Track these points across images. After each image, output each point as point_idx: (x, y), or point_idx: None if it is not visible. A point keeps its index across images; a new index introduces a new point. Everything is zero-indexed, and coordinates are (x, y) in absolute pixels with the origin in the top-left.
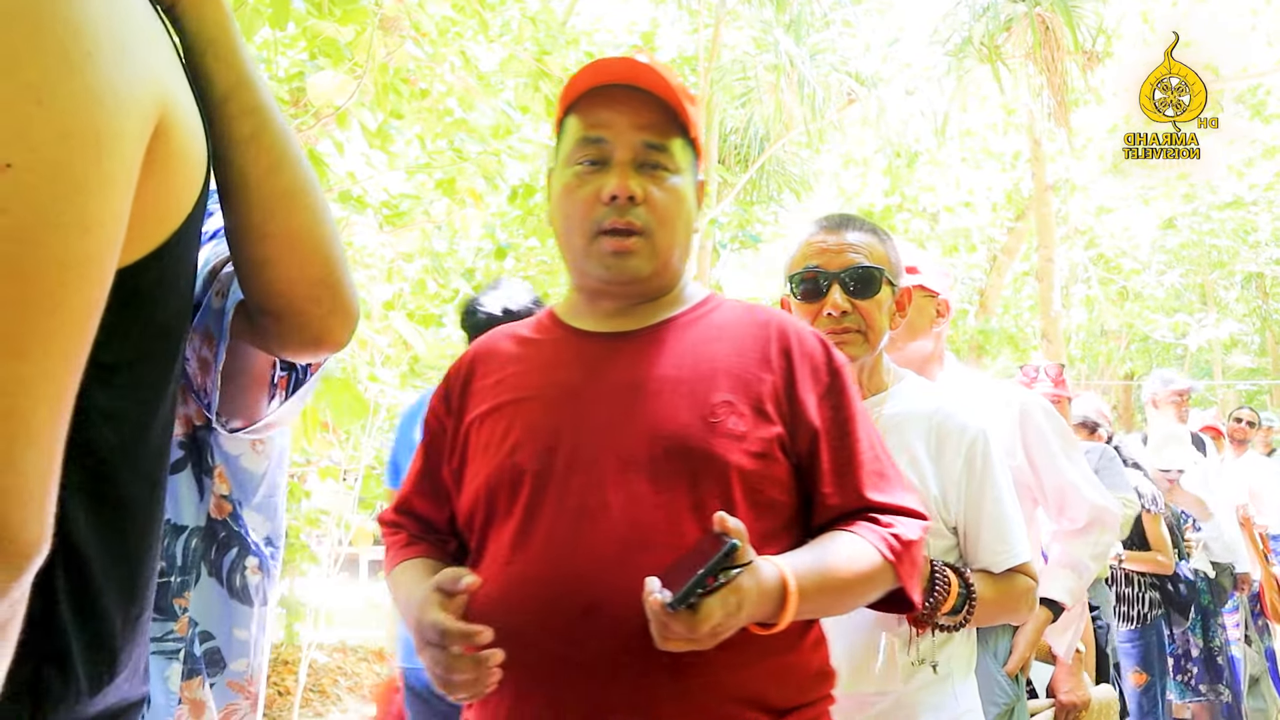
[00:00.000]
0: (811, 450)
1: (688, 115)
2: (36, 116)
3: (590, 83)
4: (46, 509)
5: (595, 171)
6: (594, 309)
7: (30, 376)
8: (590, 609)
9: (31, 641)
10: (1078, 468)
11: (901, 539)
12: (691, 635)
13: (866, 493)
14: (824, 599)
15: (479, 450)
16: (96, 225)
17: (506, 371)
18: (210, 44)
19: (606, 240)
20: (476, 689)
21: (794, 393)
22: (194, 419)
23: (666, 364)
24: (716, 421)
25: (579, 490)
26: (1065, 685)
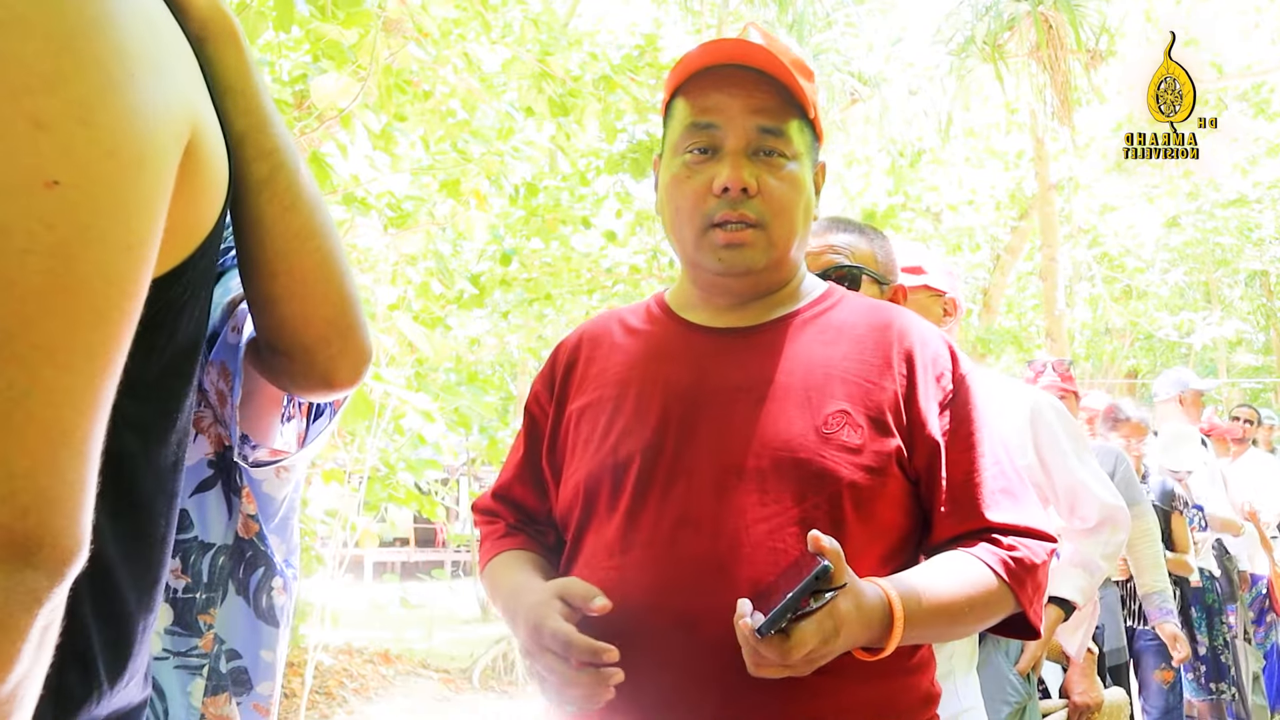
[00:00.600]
0: (931, 466)
1: (805, 95)
2: (82, 135)
3: (700, 63)
4: (86, 516)
5: (706, 160)
6: (706, 301)
7: (75, 388)
8: (685, 623)
9: (59, 644)
10: (1088, 467)
11: (1023, 562)
12: (784, 662)
13: (986, 512)
14: (934, 624)
15: (580, 443)
16: (137, 241)
17: (612, 360)
18: (230, 87)
19: (719, 232)
20: (591, 703)
21: (915, 403)
22: (224, 439)
23: (779, 367)
24: (830, 433)
25: (680, 497)
26: (1079, 687)
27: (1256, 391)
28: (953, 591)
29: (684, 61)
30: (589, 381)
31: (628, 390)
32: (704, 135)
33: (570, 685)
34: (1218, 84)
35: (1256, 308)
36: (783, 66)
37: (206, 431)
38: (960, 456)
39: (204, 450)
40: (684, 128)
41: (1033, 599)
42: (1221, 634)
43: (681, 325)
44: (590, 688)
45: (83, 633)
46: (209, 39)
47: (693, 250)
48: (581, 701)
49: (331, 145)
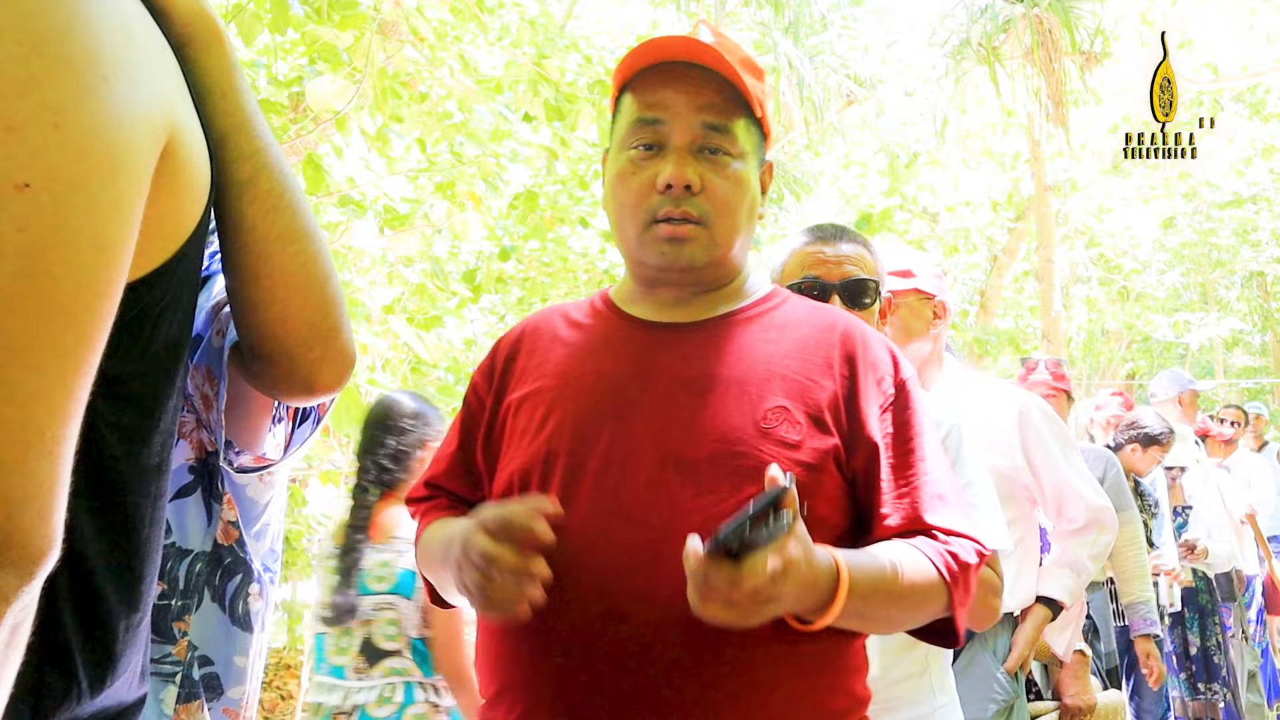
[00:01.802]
0: (869, 467)
1: (752, 93)
2: (53, 138)
3: (648, 59)
4: (57, 516)
5: (651, 157)
6: (650, 297)
7: (45, 389)
8: (612, 613)
9: (34, 643)
10: (1075, 468)
11: (959, 559)
12: (731, 594)
13: (925, 514)
14: (875, 604)
15: (516, 434)
16: (109, 243)
17: (552, 353)
18: (212, 89)
19: (661, 227)
20: (512, 602)
21: (855, 404)
22: (206, 445)
23: (721, 362)
24: (769, 428)
25: (614, 488)
26: (1071, 689)
27: (1254, 392)
28: (897, 573)
29: (632, 56)
30: (528, 374)
31: (566, 382)
32: (649, 131)
33: (495, 566)
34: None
35: (1253, 308)
36: (729, 65)
37: (188, 437)
38: (900, 460)
39: (185, 455)
40: (630, 123)
41: (962, 601)
42: (1215, 635)
43: (624, 319)
44: (515, 566)
45: (61, 631)
46: (191, 42)
47: (635, 246)
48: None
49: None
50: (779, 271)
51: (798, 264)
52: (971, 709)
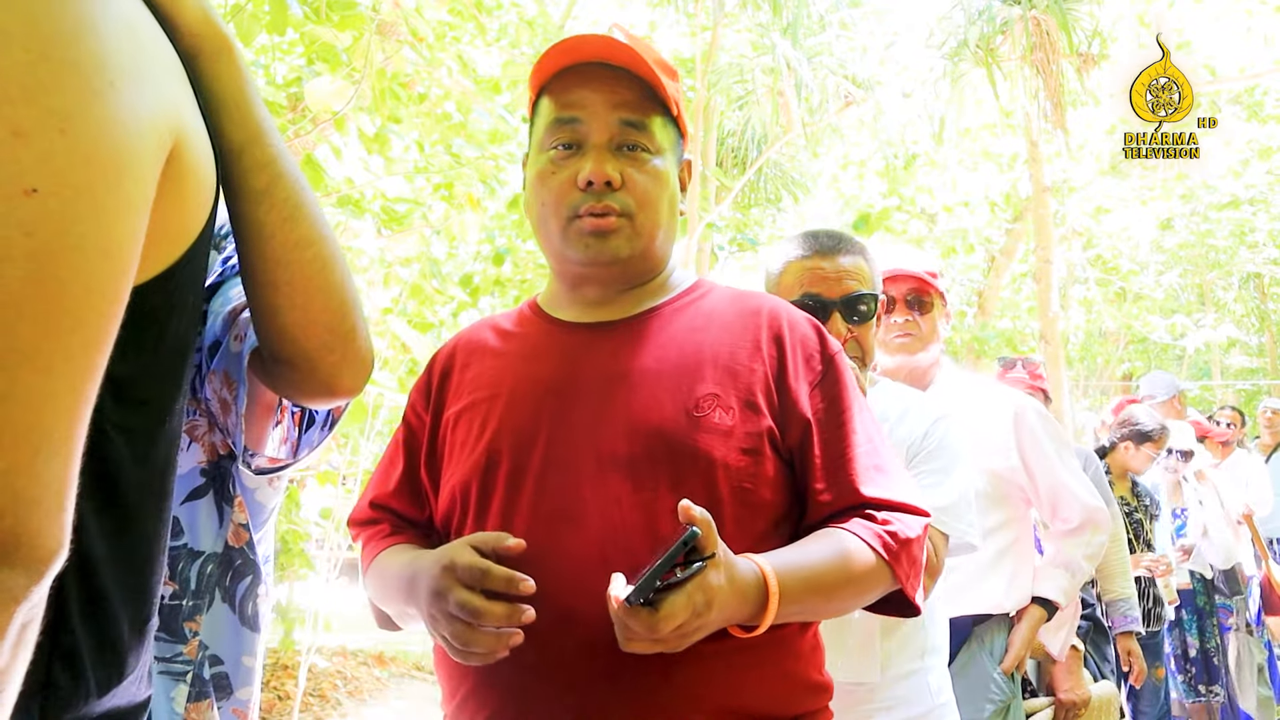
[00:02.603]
0: (803, 444)
1: (666, 91)
2: (60, 144)
3: (562, 62)
4: (65, 517)
5: (570, 156)
6: (576, 298)
7: (54, 391)
8: (565, 616)
9: (43, 642)
10: (1070, 469)
11: (898, 536)
12: (653, 635)
13: (861, 487)
14: (811, 600)
15: (455, 448)
16: (116, 247)
17: (485, 365)
18: (224, 100)
19: (584, 220)
20: (498, 648)
21: (785, 383)
22: (219, 448)
23: (649, 355)
24: (701, 415)
25: (555, 491)
26: (1065, 684)
27: (1251, 393)
28: (827, 566)
29: (546, 59)
30: (464, 387)
31: (500, 391)
32: (567, 130)
33: (483, 620)
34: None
35: (1250, 310)
36: (643, 62)
37: (200, 440)
38: (832, 434)
39: (197, 458)
40: (548, 124)
41: (909, 574)
42: (1214, 636)
43: (552, 324)
44: (504, 622)
45: (70, 631)
46: (201, 53)
47: (559, 242)
48: (489, 645)
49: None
50: (774, 282)
51: (795, 279)
52: (968, 710)
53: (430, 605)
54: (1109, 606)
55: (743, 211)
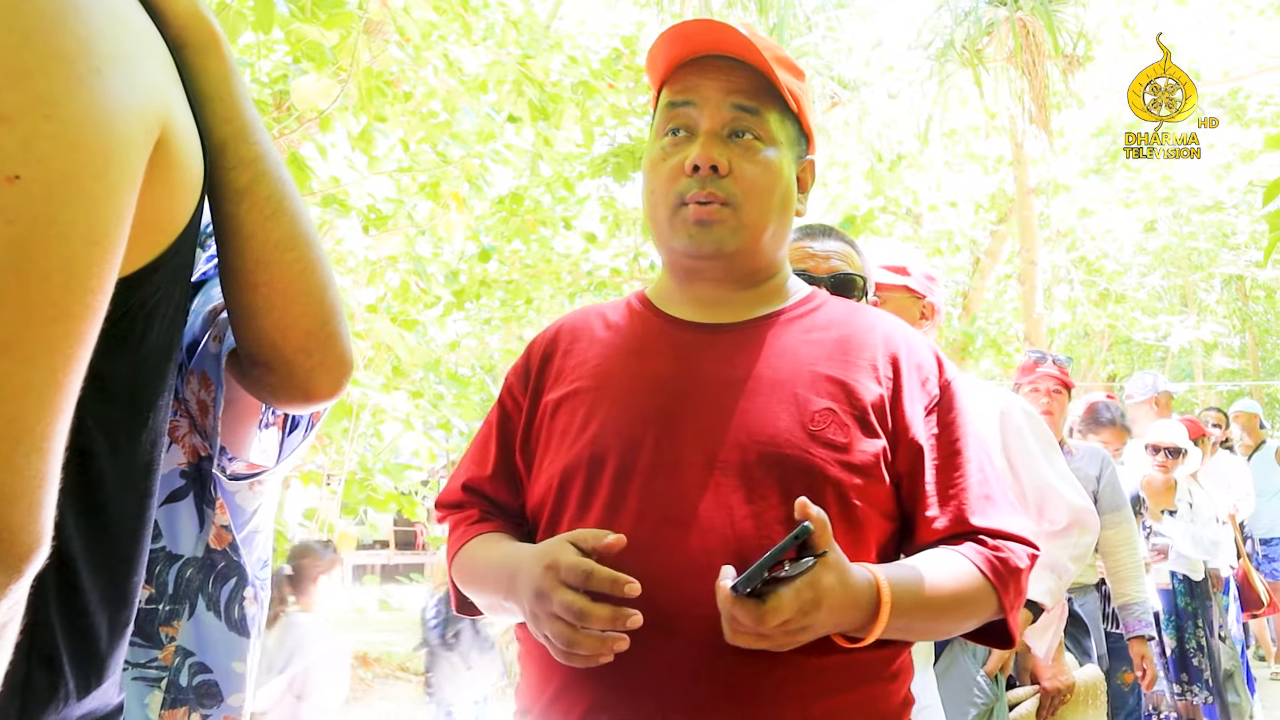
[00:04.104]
0: (914, 469)
1: (784, 87)
2: (45, 129)
3: (678, 54)
4: (46, 513)
5: (681, 142)
6: (688, 294)
7: (34, 383)
8: (668, 622)
9: (21, 642)
10: (1057, 469)
11: (1009, 564)
12: (759, 629)
13: (971, 517)
14: (921, 617)
15: (555, 436)
16: (101, 236)
17: (591, 353)
18: (210, 94)
19: (689, 209)
20: (603, 651)
21: (899, 406)
22: (199, 449)
23: (766, 363)
24: (817, 430)
25: (663, 493)
26: (1048, 672)
27: (1233, 394)
28: (941, 584)
29: (660, 49)
30: (566, 374)
31: (607, 383)
32: (680, 115)
33: (588, 622)
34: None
35: (1232, 312)
36: (760, 54)
37: (181, 441)
38: (945, 461)
39: (177, 460)
40: (663, 111)
41: (1014, 603)
42: (1195, 637)
43: (663, 319)
44: (609, 625)
45: (48, 631)
46: (188, 45)
47: (666, 231)
48: (593, 648)
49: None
50: None
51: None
52: (952, 713)
53: (533, 604)
54: (1121, 610)
55: None
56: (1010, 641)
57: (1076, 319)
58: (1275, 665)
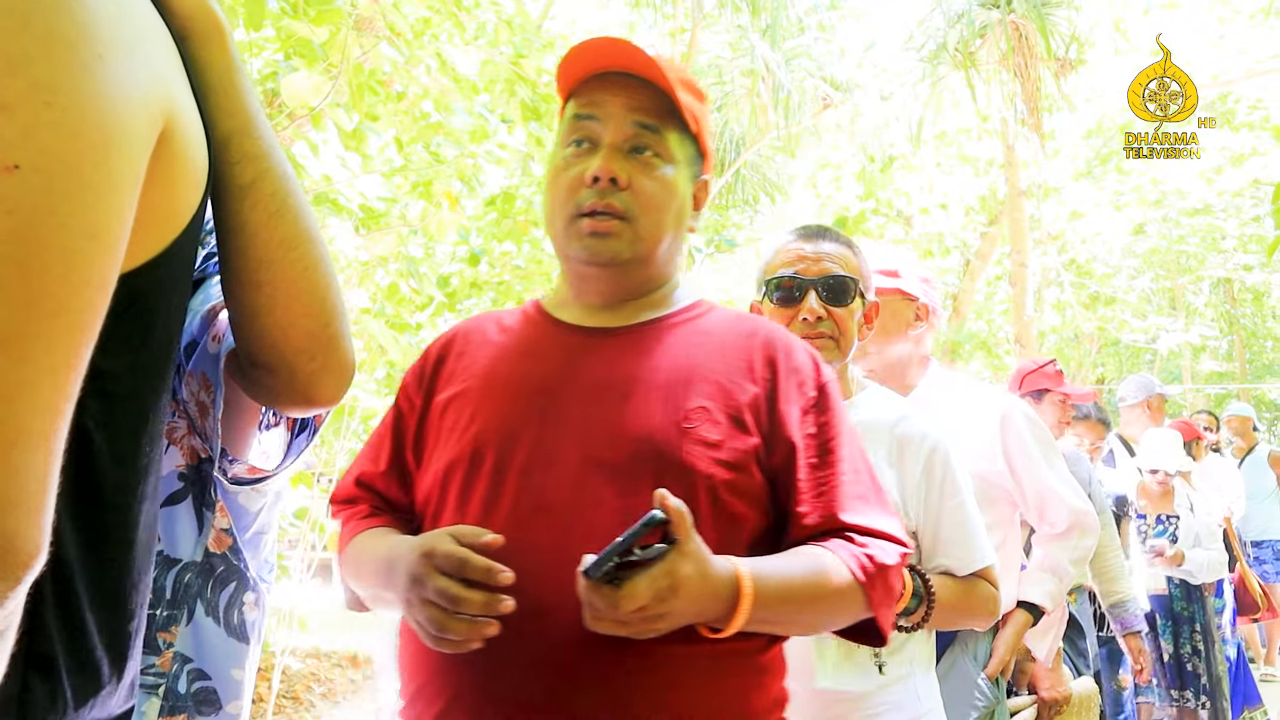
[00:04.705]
0: (788, 466)
1: (685, 107)
2: (45, 117)
3: (586, 68)
4: (45, 517)
5: (583, 153)
6: (580, 301)
7: (32, 380)
8: (534, 609)
9: (18, 650)
10: (1057, 473)
11: (875, 560)
12: (614, 614)
13: (842, 514)
14: (783, 611)
15: (442, 434)
16: (103, 229)
17: (480, 355)
18: (214, 87)
19: (586, 221)
20: (474, 635)
21: (775, 405)
22: (199, 451)
23: (644, 365)
24: (690, 427)
25: (538, 487)
26: (1046, 682)
27: (1221, 397)
28: (805, 579)
29: (569, 63)
30: (457, 375)
31: (494, 383)
32: (583, 127)
33: (460, 607)
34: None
35: (1220, 315)
36: (664, 75)
37: (179, 443)
38: (819, 460)
39: (175, 462)
40: (568, 122)
41: (883, 600)
42: (1190, 641)
43: (553, 324)
44: (481, 610)
45: (45, 639)
46: (193, 36)
47: (563, 239)
48: (464, 632)
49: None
50: (762, 269)
51: (778, 261)
52: (953, 715)
53: (408, 590)
54: (1111, 609)
55: (720, 212)
56: (882, 639)
57: (1066, 321)
58: (1266, 667)
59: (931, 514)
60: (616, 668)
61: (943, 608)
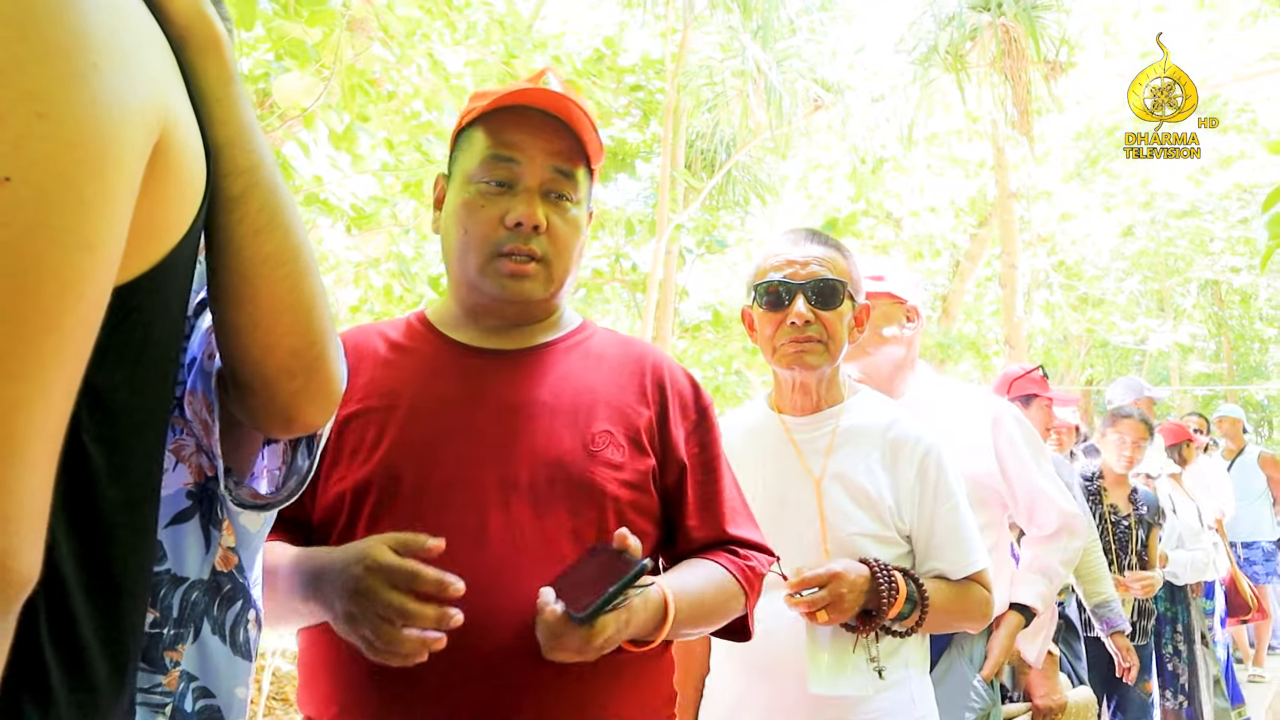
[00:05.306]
0: (679, 484)
1: (591, 147)
2: (38, 128)
3: (506, 101)
4: (39, 537)
5: (501, 193)
6: (473, 323)
7: (25, 398)
8: (464, 629)
9: (11, 674)
10: (1047, 475)
11: (755, 571)
12: (585, 648)
13: (728, 527)
14: (693, 621)
15: (345, 453)
16: (98, 242)
17: (377, 373)
18: (208, 96)
19: (505, 262)
20: (419, 649)
21: (666, 427)
22: (206, 470)
23: (546, 389)
24: (597, 450)
25: (458, 508)
26: (1041, 689)
27: (1208, 398)
28: (709, 592)
29: (488, 95)
30: (354, 392)
31: (398, 403)
32: (503, 169)
33: (413, 622)
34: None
35: (1208, 316)
36: (580, 118)
37: (187, 460)
38: (704, 477)
39: (183, 480)
40: (482, 157)
41: (753, 604)
42: (1172, 642)
43: (449, 344)
44: (433, 625)
45: (39, 659)
46: (189, 44)
47: (475, 275)
48: (412, 647)
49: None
50: (751, 274)
51: (766, 266)
52: (948, 718)
53: (350, 604)
54: (1095, 609)
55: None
56: (748, 635)
57: (1056, 323)
58: (1253, 668)
59: (925, 518)
60: (542, 682)
61: (937, 611)
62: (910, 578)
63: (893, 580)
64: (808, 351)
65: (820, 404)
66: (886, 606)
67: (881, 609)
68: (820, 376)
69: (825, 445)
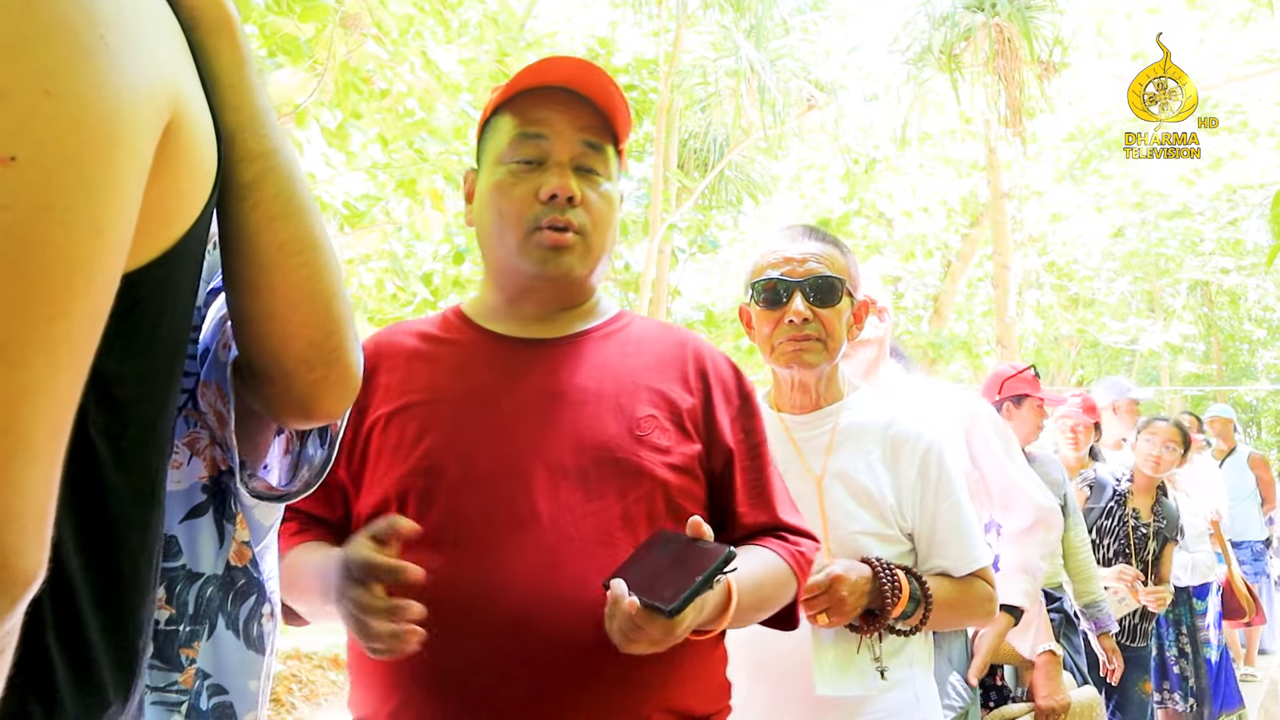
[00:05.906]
0: (726, 469)
1: (620, 125)
2: (44, 106)
3: (533, 81)
4: (45, 531)
5: (531, 170)
6: (511, 312)
7: (31, 387)
8: (521, 618)
9: (16, 673)
10: (1021, 468)
11: (805, 556)
12: (665, 640)
13: (780, 513)
14: (753, 609)
15: (386, 451)
16: (107, 226)
17: (415, 369)
18: (220, 79)
19: (544, 234)
20: (394, 644)
21: (711, 413)
22: (219, 463)
23: (588, 375)
24: (643, 435)
25: (506, 498)
26: (1044, 690)
27: (1198, 399)
28: (767, 579)
29: (517, 79)
30: (392, 390)
31: (439, 398)
32: (531, 146)
33: (371, 616)
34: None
35: (1198, 317)
36: (609, 93)
37: (201, 454)
38: (751, 463)
39: (198, 474)
40: (511, 138)
41: (803, 590)
42: (1177, 644)
43: (486, 335)
44: (392, 623)
45: (45, 659)
46: (201, 25)
47: (516, 254)
48: (387, 640)
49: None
50: (749, 271)
51: (764, 263)
52: None
53: (336, 605)
54: (1089, 608)
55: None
56: (794, 624)
57: (1047, 323)
58: (1246, 667)
59: (928, 515)
60: (601, 671)
61: (940, 608)
62: (913, 576)
63: (895, 579)
64: (806, 350)
65: (819, 402)
66: (890, 605)
67: (885, 608)
68: (819, 374)
69: (825, 444)
